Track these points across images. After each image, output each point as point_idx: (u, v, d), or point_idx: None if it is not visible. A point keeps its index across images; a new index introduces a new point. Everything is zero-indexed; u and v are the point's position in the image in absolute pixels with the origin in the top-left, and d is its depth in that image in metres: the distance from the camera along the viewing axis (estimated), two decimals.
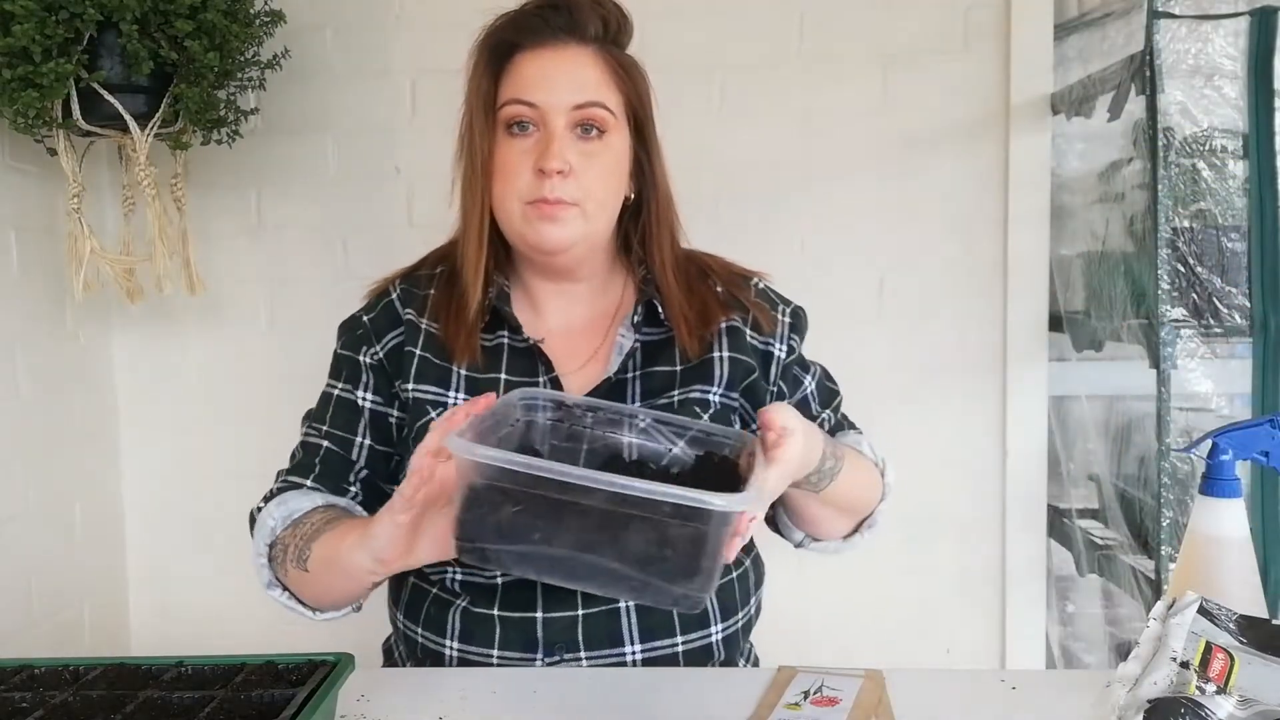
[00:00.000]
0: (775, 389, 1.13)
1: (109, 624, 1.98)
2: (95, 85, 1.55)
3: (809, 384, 1.17)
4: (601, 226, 1.06)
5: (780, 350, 1.13)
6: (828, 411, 1.18)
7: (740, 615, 1.11)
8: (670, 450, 0.96)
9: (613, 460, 0.95)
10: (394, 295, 1.12)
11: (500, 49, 1.04)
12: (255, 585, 1.06)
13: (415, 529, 0.88)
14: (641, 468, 0.95)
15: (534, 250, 1.05)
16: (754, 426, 1.09)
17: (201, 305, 1.95)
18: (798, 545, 1.16)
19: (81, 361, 1.91)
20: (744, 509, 0.77)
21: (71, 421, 1.88)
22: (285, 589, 1.05)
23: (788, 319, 1.15)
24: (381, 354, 1.10)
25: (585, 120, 1.02)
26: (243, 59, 1.70)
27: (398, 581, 1.12)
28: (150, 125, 1.63)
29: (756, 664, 1.18)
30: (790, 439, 0.87)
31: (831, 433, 1.16)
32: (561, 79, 1.02)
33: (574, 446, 0.97)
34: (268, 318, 2.00)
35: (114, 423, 2.01)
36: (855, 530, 1.14)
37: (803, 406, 1.15)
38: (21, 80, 1.48)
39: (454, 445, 0.77)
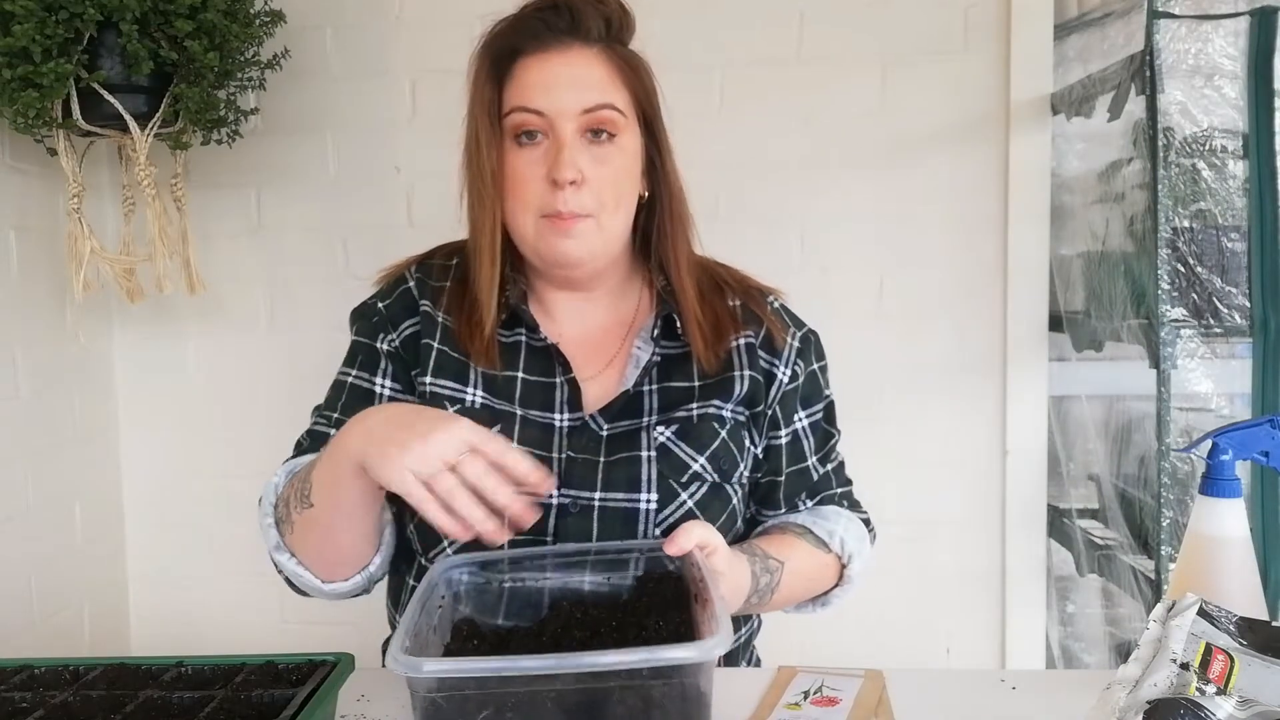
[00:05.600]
0: (770, 413, 1.09)
1: (109, 624, 1.98)
2: (95, 85, 1.55)
3: (802, 422, 1.11)
4: (618, 233, 1.03)
5: (783, 374, 1.09)
6: (814, 459, 1.13)
7: (744, 630, 1.11)
8: (608, 581, 0.92)
9: (553, 608, 0.91)
10: (411, 283, 1.09)
11: (502, 55, 1.01)
12: (255, 586, 1.06)
13: None
14: (586, 611, 0.89)
15: (550, 265, 1.03)
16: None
17: (201, 305, 1.95)
18: None
19: (81, 361, 1.91)
20: (722, 651, 0.70)
21: (71, 421, 1.88)
22: (292, 554, 0.99)
23: (796, 343, 1.11)
24: (398, 341, 1.07)
25: (596, 124, 0.99)
26: (243, 59, 1.70)
27: (397, 582, 1.11)
28: (150, 125, 1.63)
29: (757, 664, 1.18)
30: (715, 554, 0.87)
31: (815, 491, 1.13)
32: (567, 83, 0.98)
33: (505, 606, 0.92)
34: (268, 318, 2.00)
35: (114, 423, 2.01)
36: (809, 603, 1.12)
37: (794, 445, 1.10)
38: (21, 80, 1.48)
39: (402, 665, 0.71)
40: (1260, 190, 1.52)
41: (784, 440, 1.10)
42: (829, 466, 1.15)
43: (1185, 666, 0.67)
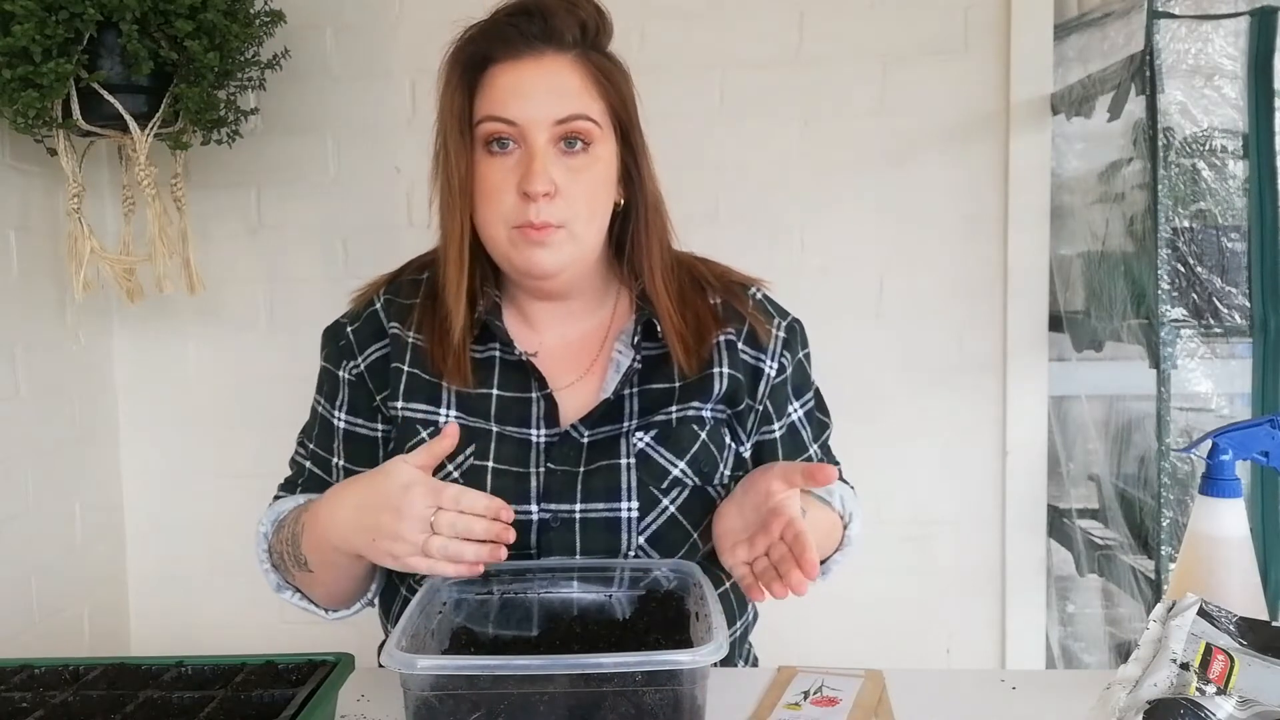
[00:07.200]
0: (761, 408, 1.07)
1: (109, 624, 1.98)
2: (95, 85, 1.55)
3: (798, 412, 1.11)
4: (591, 243, 1.02)
5: (770, 367, 1.07)
6: (816, 447, 1.13)
7: (738, 624, 1.10)
8: (609, 598, 0.92)
9: (552, 622, 0.91)
10: (378, 305, 1.08)
11: (473, 62, 0.98)
12: (255, 585, 1.06)
13: None
14: (585, 624, 0.90)
15: (523, 276, 1.02)
16: (741, 451, 1.07)
17: (201, 305, 1.95)
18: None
19: (81, 361, 1.91)
20: (715, 659, 0.72)
21: (71, 421, 1.88)
22: (296, 590, 1.04)
23: (781, 333, 1.09)
24: (363, 367, 1.06)
25: (569, 134, 0.97)
26: (243, 59, 1.70)
27: (389, 592, 1.10)
28: (150, 125, 1.63)
29: (756, 664, 1.18)
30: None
31: None
32: (540, 91, 0.96)
33: (504, 619, 0.93)
34: (268, 318, 2.00)
35: (114, 423, 2.01)
36: None
37: (793, 436, 1.10)
38: (21, 80, 1.48)
39: (397, 662, 0.72)
40: (1260, 190, 1.52)
41: (779, 433, 1.09)
42: (824, 455, 1.16)
43: (1185, 666, 0.67)
